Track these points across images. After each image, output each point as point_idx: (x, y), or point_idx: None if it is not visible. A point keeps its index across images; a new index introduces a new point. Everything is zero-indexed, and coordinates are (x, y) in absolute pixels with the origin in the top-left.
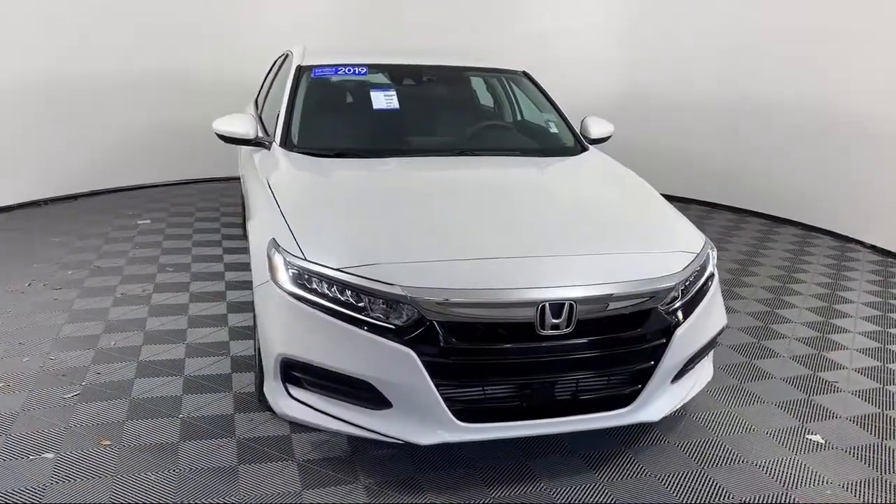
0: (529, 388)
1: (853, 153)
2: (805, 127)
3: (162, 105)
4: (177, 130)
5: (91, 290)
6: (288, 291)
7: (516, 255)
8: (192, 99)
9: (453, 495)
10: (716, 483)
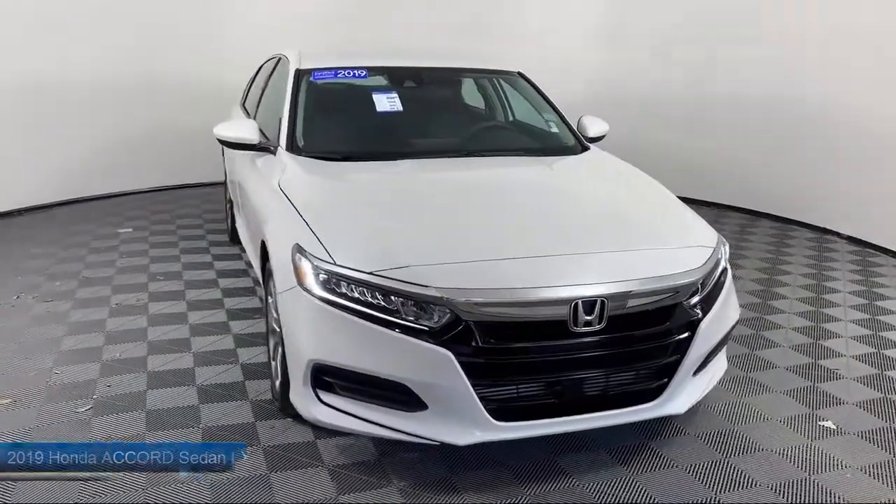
0: (562, 384)
1: (828, 148)
2: (780, 123)
3: (134, 112)
4: (151, 137)
5: (84, 301)
6: (318, 296)
7: (546, 254)
8: (165, 105)
9: (489, 494)
10: (741, 471)
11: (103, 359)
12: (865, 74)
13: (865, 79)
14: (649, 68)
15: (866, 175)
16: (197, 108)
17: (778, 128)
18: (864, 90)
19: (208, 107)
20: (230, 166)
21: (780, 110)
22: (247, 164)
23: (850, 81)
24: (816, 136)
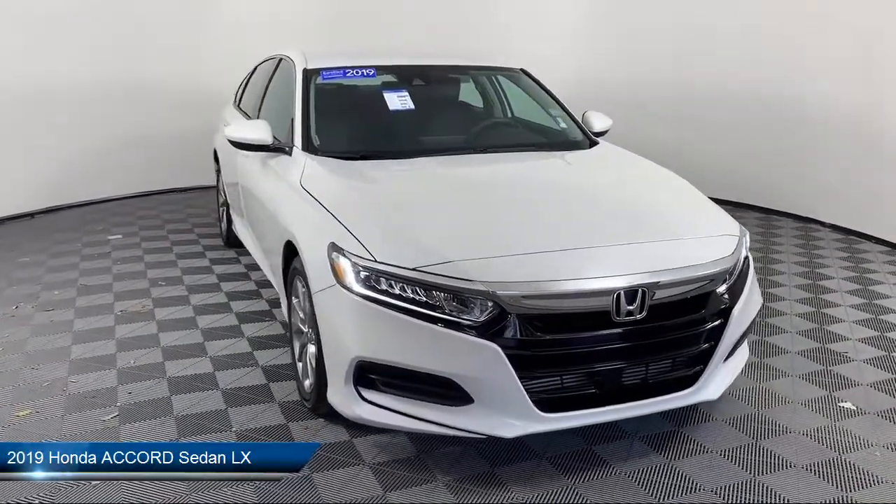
0: (605, 374)
1: (809, 140)
2: (762, 117)
3: (113, 118)
4: (130, 143)
5: (87, 309)
6: (359, 294)
7: (584, 246)
8: (144, 111)
9: (535, 486)
10: (774, 454)
11: (118, 366)
12: (844, 68)
13: (845, 72)
14: (628, 63)
15: (847, 165)
16: (176, 112)
17: (760, 121)
18: (842, 83)
19: (188, 111)
20: (229, 169)
21: (762, 104)
22: (256, 166)
23: (830, 75)
24: (798, 129)
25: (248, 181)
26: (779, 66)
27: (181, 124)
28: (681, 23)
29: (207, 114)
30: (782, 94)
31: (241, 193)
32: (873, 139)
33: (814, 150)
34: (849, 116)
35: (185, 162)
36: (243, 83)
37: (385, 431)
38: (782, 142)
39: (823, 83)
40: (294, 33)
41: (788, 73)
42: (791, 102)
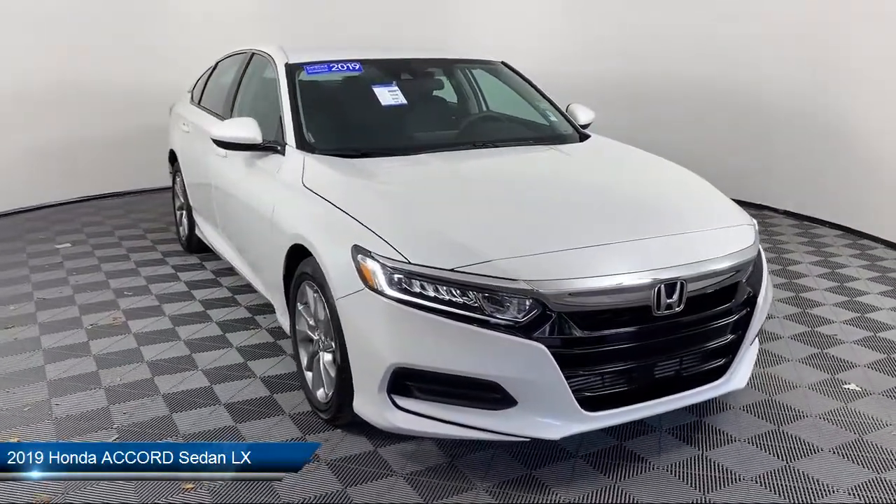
0: (645, 369)
1: (763, 129)
2: (717, 106)
3: (45, 122)
4: (65, 147)
5: (52, 324)
6: (392, 297)
7: (619, 241)
8: (78, 114)
9: (578, 486)
10: (799, 439)
11: (104, 385)
12: (794, 56)
13: (795, 61)
14: (582, 58)
15: (800, 153)
16: (112, 115)
17: (713, 112)
18: (794, 73)
19: (126, 112)
20: (194, 171)
21: (716, 94)
22: (238, 167)
23: (782, 64)
24: (749, 119)
25: (227, 183)
26: (731, 59)
27: (120, 126)
28: (632, 22)
29: (148, 115)
30: (736, 86)
31: (215, 196)
32: (824, 128)
33: (766, 139)
34: (800, 105)
35: (127, 165)
36: (202, 80)
37: (409, 439)
38: (735, 132)
39: (775, 74)
40: (239, 29)
41: (740, 66)
42: (743, 93)
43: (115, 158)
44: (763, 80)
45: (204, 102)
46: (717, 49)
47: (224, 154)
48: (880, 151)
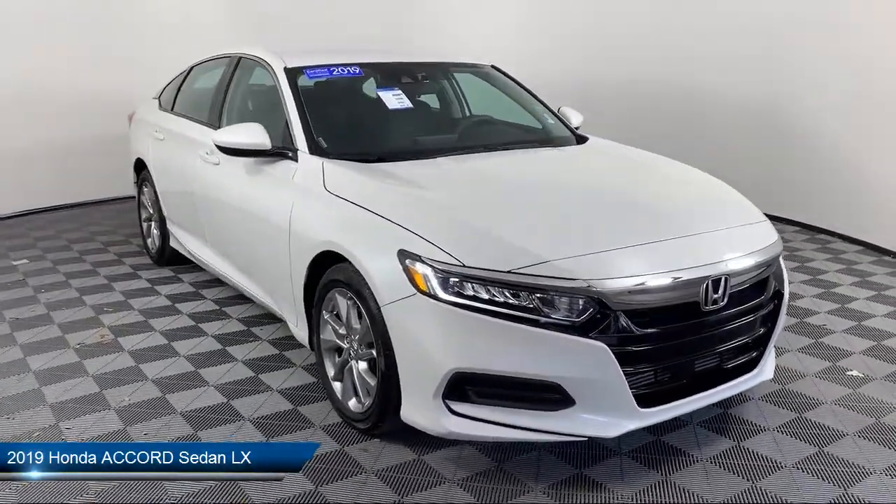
0: (693, 363)
1: (715, 128)
2: (672, 109)
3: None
4: (11, 156)
5: (35, 345)
6: (448, 301)
7: (665, 238)
8: (24, 121)
9: (631, 483)
10: (823, 425)
11: (113, 406)
12: (752, 62)
13: (747, 64)
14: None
15: (755, 152)
16: (62, 124)
17: (667, 112)
18: (744, 75)
19: (74, 122)
20: (173, 180)
21: (672, 97)
22: (238, 174)
23: (734, 67)
24: (705, 118)
25: (222, 191)
26: (681, 60)
27: (71, 134)
28: (590, 23)
29: (100, 123)
30: (691, 86)
31: (202, 205)
32: (778, 127)
33: (722, 138)
34: (756, 106)
35: (76, 175)
36: (173, 86)
37: (449, 445)
38: (687, 130)
39: (728, 75)
40: (197, 37)
41: (693, 67)
42: (697, 93)
43: (65, 168)
44: (715, 80)
45: (179, 109)
46: (670, 52)
47: (217, 161)
48: (832, 150)
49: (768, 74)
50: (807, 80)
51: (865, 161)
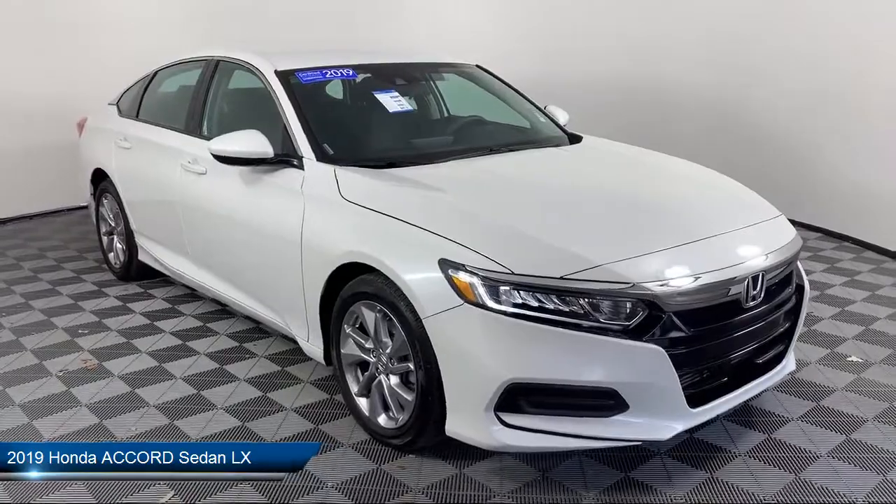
0: (734, 360)
1: (669, 123)
2: (622, 100)
3: None
4: None
5: (12, 375)
6: (498, 311)
7: (702, 237)
8: None
9: (681, 483)
10: (841, 411)
11: (119, 437)
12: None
13: (698, 59)
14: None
15: (706, 144)
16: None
17: (621, 106)
18: (696, 69)
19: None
20: (144, 191)
21: (622, 90)
22: (230, 184)
23: (686, 62)
24: (658, 112)
25: (212, 202)
26: (634, 56)
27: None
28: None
29: (34, 132)
30: (657, 84)
31: (185, 217)
32: (732, 121)
33: (677, 132)
34: (712, 99)
35: (11, 188)
36: (135, 92)
37: (488, 457)
38: (642, 124)
39: (681, 69)
40: (147, 39)
41: (644, 62)
42: (650, 88)
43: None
44: (667, 74)
45: (146, 116)
46: (633, 48)
47: (203, 171)
48: (791, 145)
49: (728, 72)
50: (766, 76)
51: (822, 154)
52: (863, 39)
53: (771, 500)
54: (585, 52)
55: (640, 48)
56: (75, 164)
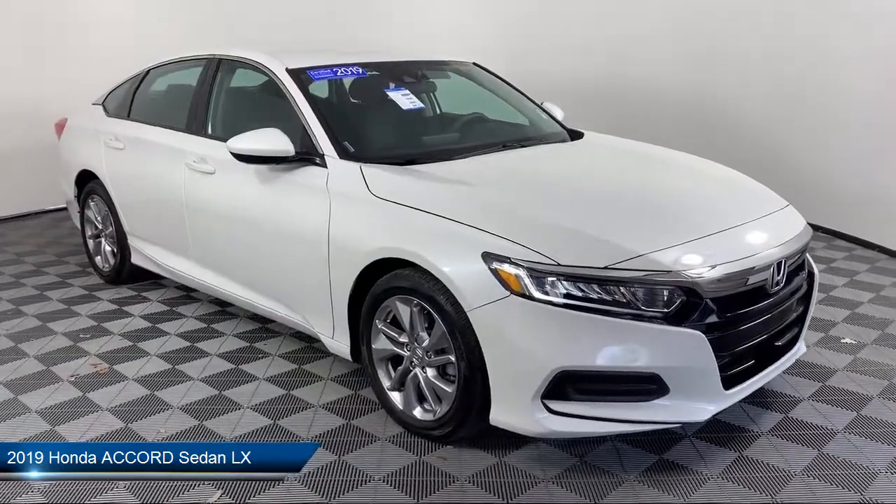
0: (761, 343)
1: (636, 116)
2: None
3: None
4: None
5: (20, 382)
6: (546, 301)
7: (728, 227)
8: None
9: (713, 462)
10: (846, 390)
11: (149, 439)
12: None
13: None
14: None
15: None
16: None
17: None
18: (667, 65)
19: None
20: (142, 192)
21: (586, 84)
22: (246, 184)
23: (659, 57)
24: (624, 106)
25: (224, 201)
26: (599, 52)
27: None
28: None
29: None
30: (609, 75)
31: (191, 218)
32: (700, 114)
33: (654, 132)
34: (682, 93)
35: None
36: (126, 91)
37: (525, 445)
38: (609, 117)
39: (649, 66)
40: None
41: (612, 58)
42: (625, 86)
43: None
44: (634, 70)
45: (138, 116)
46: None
47: (211, 170)
48: (757, 138)
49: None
50: (735, 73)
51: (786, 147)
52: (835, 39)
53: (801, 474)
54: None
55: (616, 46)
56: (49, 167)
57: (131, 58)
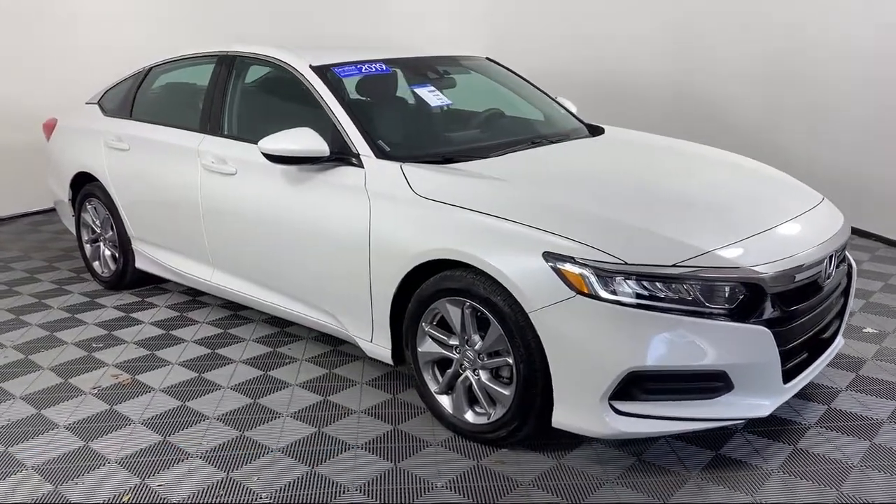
0: (814, 336)
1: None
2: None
3: None
4: None
5: (40, 397)
6: (615, 301)
7: (776, 223)
8: None
9: (770, 456)
10: (880, 379)
11: (193, 452)
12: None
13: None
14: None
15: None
16: None
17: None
18: (653, 61)
19: None
20: (150, 194)
21: (582, 80)
22: (273, 184)
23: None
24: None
25: (250, 203)
26: (590, 46)
27: None
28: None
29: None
30: (599, 70)
31: (211, 219)
32: (686, 107)
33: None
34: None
35: None
36: (127, 90)
37: (580, 445)
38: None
39: (637, 61)
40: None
41: (601, 52)
42: (607, 77)
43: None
44: (625, 65)
45: (142, 115)
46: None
47: (233, 171)
48: (741, 127)
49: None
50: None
51: (779, 140)
52: (829, 32)
53: (859, 465)
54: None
55: (601, 41)
56: (23, 168)
57: (119, 57)
